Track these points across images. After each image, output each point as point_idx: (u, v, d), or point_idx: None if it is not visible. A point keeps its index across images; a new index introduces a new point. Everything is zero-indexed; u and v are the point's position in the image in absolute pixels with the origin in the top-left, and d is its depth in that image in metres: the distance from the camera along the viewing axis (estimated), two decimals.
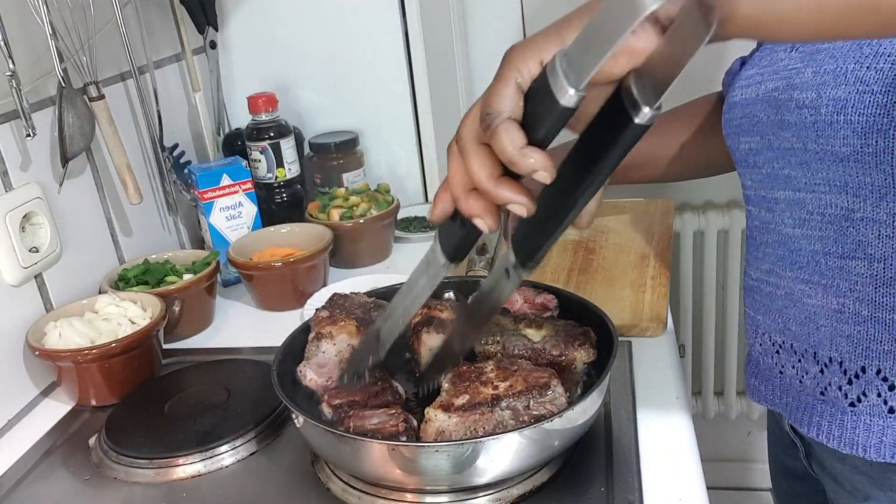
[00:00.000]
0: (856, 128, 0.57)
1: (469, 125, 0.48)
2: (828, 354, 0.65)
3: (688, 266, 1.60)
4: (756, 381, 0.75)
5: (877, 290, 0.61)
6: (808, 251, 0.65)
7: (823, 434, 0.67)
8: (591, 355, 0.71)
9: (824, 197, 0.62)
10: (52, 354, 0.85)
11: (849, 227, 0.61)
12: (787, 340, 0.70)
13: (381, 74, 1.32)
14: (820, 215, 0.63)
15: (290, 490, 0.71)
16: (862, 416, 0.64)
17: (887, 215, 0.59)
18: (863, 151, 0.57)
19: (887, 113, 0.55)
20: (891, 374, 0.62)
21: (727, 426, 1.78)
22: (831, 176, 0.61)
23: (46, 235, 0.92)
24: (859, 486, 0.70)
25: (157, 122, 1.14)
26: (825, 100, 0.59)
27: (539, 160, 0.45)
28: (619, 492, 0.66)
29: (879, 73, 0.56)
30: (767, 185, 0.68)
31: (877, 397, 0.63)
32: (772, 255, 0.70)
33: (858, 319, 0.62)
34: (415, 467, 0.62)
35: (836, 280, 0.63)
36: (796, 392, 0.70)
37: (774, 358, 0.72)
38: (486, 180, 0.47)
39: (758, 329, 0.74)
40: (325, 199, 1.21)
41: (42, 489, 0.75)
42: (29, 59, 0.91)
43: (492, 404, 0.63)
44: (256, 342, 1.00)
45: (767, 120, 0.65)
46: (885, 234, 0.59)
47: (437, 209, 0.53)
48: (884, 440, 0.63)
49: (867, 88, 0.56)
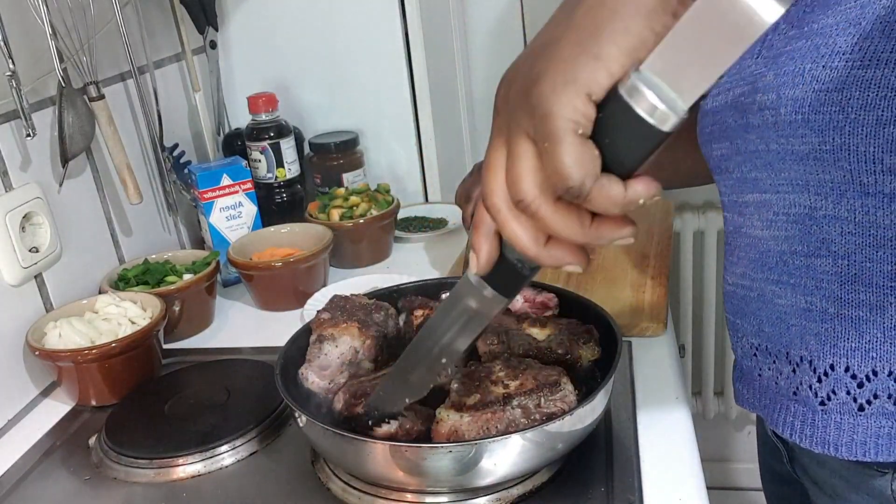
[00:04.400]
0: (813, 126, 0.57)
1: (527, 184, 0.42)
2: (798, 353, 0.66)
3: (688, 266, 1.60)
4: (740, 385, 0.76)
5: (842, 287, 0.61)
6: (776, 252, 0.66)
7: (797, 434, 0.67)
8: (596, 353, 0.71)
9: (788, 196, 0.63)
10: (52, 354, 0.85)
11: (812, 225, 0.62)
12: (763, 342, 0.70)
13: (381, 74, 1.32)
14: (785, 215, 0.64)
15: (290, 490, 0.71)
16: (832, 415, 0.64)
17: (848, 212, 0.59)
18: (821, 149, 0.58)
19: (842, 110, 0.55)
20: (858, 370, 0.62)
21: (727, 426, 1.78)
22: (793, 175, 0.61)
23: (46, 235, 0.92)
24: (838, 490, 0.70)
25: (157, 122, 1.14)
26: (784, 100, 0.59)
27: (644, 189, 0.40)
28: (619, 492, 0.66)
29: (834, 72, 0.56)
30: (738, 190, 0.69)
31: (846, 395, 0.63)
32: (744, 258, 0.71)
33: (825, 317, 0.63)
34: (418, 468, 0.62)
35: (804, 279, 0.64)
36: (773, 394, 0.70)
37: (753, 361, 0.72)
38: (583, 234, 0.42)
39: (737, 333, 0.75)
40: (325, 199, 1.21)
41: (42, 489, 0.75)
42: (29, 59, 0.91)
43: (503, 403, 0.63)
44: (256, 342, 1.00)
45: (735, 124, 0.66)
46: (847, 231, 0.60)
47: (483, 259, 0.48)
48: (854, 438, 0.63)
49: (823, 87, 0.56)
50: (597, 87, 0.39)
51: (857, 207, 0.58)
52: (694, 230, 1.56)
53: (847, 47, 0.56)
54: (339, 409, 0.68)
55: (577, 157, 0.39)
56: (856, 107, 0.55)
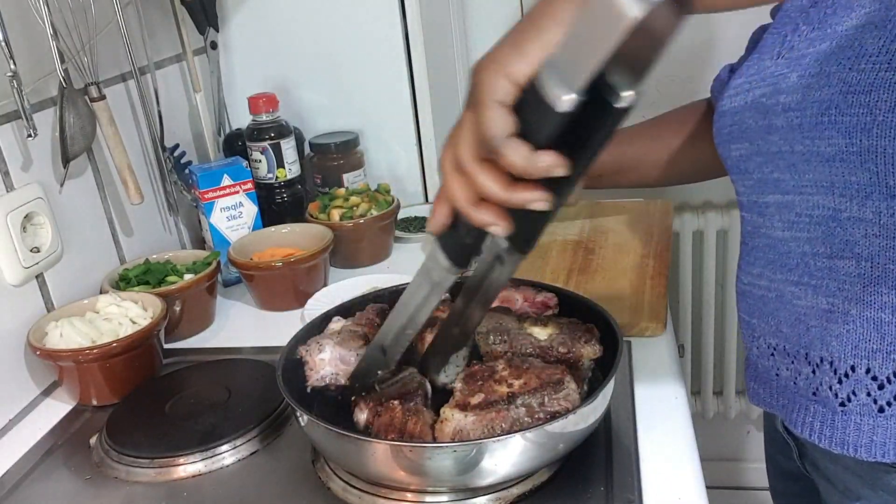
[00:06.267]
0: (840, 128, 0.58)
1: (463, 146, 0.51)
2: (819, 355, 0.66)
3: (687, 266, 1.60)
4: (755, 384, 0.76)
5: (864, 288, 0.61)
6: (797, 253, 0.66)
7: (815, 434, 0.67)
8: (597, 351, 0.71)
9: (812, 198, 0.63)
10: (54, 354, 0.85)
11: (836, 227, 0.62)
12: (781, 343, 0.70)
13: (381, 74, 1.32)
14: (808, 217, 0.64)
15: (290, 489, 0.71)
16: (852, 416, 0.64)
17: (873, 214, 0.59)
18: (847, 151, 0.58)
19: (870, 112, 0.56)
20: (880, 372, 0.62)
21: (726, 426, 1.78)
22: (818, 177, 0.61)
23: (47, 235, 0.92)
24: (851, 486, 0.70)
25: (158, 122, 1.14)
26: (810, 102, 0.60)
27: (549, 160, 0.48)
28: (619, 491, 0.66)
29: (862, 74, 0.56)
30: (758, 191, 0.69)
31: (866, 396, 0.63)
32: (762, 258, 0.71)
33: (847, 319, 0.63)
34: (420, 468, 0.62)
35: (825, 280, 0.64)
36: (791, 394, 0.70)
37: (770, 360, 0.72)
38: (500, 192, 0.50)
39: (753, 333, 0.75)
40: (326, 200, 1.22)
41: (43, 488, 0.75)
42: (30, 59, 0.91)
43: (507, 402, 0.63)
44: (257, 342, 1.00)
45: (756, 126, 0.66)
46: (871, 233, 0.60)
47: (436, 221, 0.56)
48: (874, 439, 0.63)
49: (850, 89, 0.57)
50: (518, 72, 0.48)
51: (883, 209, 0.58)
52: (693, 230, 1.56)
53: (874, 50, 0.56)
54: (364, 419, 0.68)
55: (494, 118, 0.49)
56: (884, 109, 0.55)
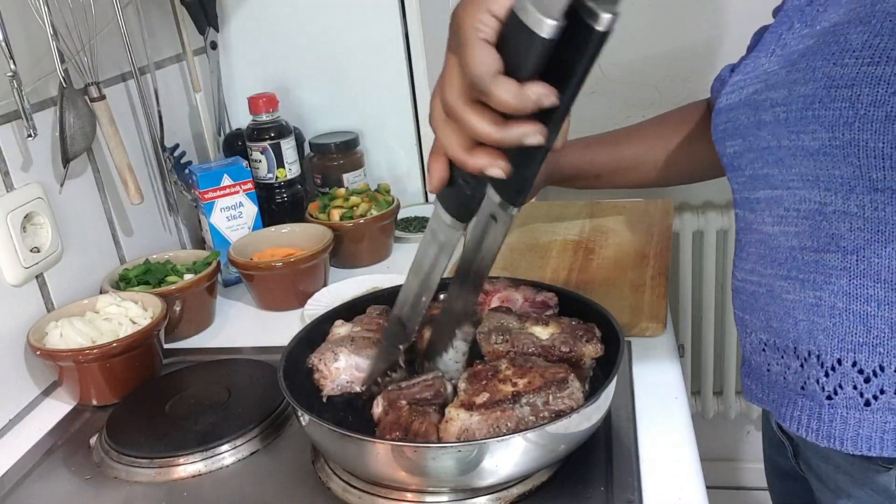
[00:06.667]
0: (823, 122, 0.58)
1: (451, 91, 0.50)
2: (806, 348, 0.66)
3: (687, 266, 1.60)
4: (749, 381, 0.76)
5: (850, 282, 0.62)
6: (786, 247, 0.66)
7: (803, 428, 0.67)
8: (599, 350, 0.71)
9: (798, 192, 0.63)
10: (54, 354, 0.85)
11: (822, 220, 0.62)
12: (771, 337, 0.71)
13: (381, 74, 1.32)
14: (795, 211, 0.64)
15: (290, 489, 0.71)
16: (839, 409, 0.64)
17: (857, 208, 0.60)
18: (831, 145, 0.58)
19: (852, 106, 0.56)
20: (866, 365, 0.63)
21: (726, 425, 1.78)
22: (804, 171, 0.62)
23: (47, 235, 0.92)
24: (841, 485, 0.71)
25: (158, 122, 1.14)
26: (795, 96, 0.60)
27: (539, 89, 0.47)
28: (619, 491, 0.66)
29: (845, 69, 0.57)
30: (750, 187, 0.69)
31: (852, 389, 0.63)
32: (754, 254, 0.71)
33: (834, 312, 0.63)
34: (421, 468, 0.62)
35: (812, 274, 0.64)
36: (781, 388, 0.70)
37: (762, 356, 0.73)
38: (494, 131, 0.49)
39: (746, 328, 0.75)
40: (326, 200, 1.22)
41: (43, 488, 0.75)
42: (30, 59, 0.91)
43: (512, 401, 0.63)
44: (257, 342, 1.00)
45: (748, 122, 0.66)
46: (856, 227, 0.60)
47: (434, 178, 0.56)
48: (860, 433, 0.64)
49: (833, 83, 0.57)
50: (496, 5, 0.47)
51: (867, 203, 0.59)
52: (693, 230, 1.57)
53: (858, 45, 0.57)
54: (378, 413, 0.68)
55: (479, 56, 0.47)
56: (865, 103, 0.56)
